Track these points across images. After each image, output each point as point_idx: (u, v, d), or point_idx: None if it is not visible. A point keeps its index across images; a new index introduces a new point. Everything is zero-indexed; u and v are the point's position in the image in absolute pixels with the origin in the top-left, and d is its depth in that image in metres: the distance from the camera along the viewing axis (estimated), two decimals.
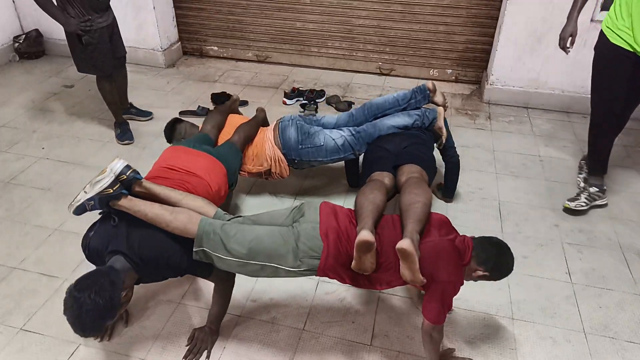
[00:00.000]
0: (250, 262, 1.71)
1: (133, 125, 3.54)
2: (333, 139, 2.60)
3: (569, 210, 2.73)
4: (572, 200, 2.74)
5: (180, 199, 1.83)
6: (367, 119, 2.71)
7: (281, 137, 2.62)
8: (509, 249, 1.79)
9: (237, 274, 1.91)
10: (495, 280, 1.80)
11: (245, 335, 2.06)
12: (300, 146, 2.59)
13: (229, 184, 2.28)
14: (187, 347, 1.98)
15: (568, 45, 2.62)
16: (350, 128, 2.66)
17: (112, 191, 1.68)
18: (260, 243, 1.71)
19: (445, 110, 2.68)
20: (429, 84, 2.69)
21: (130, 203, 1.73)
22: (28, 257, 2.44)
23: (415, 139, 2.51)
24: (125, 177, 1.73)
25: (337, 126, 2.74)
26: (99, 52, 3.09)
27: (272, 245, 1.71)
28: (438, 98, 2.70)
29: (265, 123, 2.88)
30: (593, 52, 2.60)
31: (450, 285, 1.69)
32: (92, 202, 1.68)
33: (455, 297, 1.74)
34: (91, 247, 1.77)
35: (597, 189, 2.75)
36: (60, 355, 1.97)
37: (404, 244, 1.62)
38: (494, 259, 1.74)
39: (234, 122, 2.71)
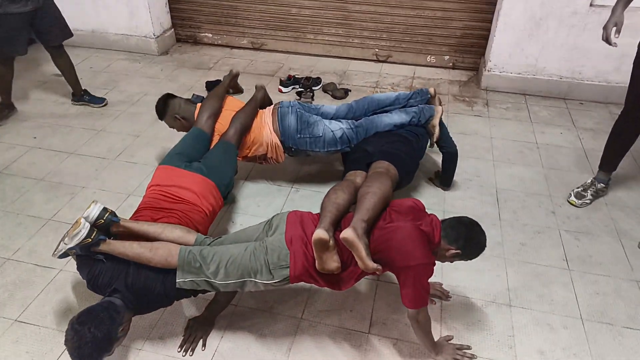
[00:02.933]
0: (231, 281, 1.77)
1: (128, 114, 3.49)
2: (332, 131, 2.58)
3: (573, 206, 2.72)
4: (578, 197, 2.71)
5: (159, 232, 1.86)
6: (366, 113, 2.71)
7: (280, 123, 2.58)
8: (478, 225, 1.80)
9: None
10: (469, 258, 1.81)
11: (242, 324, 2.05)
12: (298, 135, 2.56)
13: (224, 196, 2.28)
14: (184, 337, 1.98)
15: (613, 35, 2.31)
16: (349, 121, 2.64)
17: (90, 240, 1.73)
18: (234, 262, 1.76)
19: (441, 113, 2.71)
20: (432, 90, 2.75)
21: (109, 247, 1.77)
22: (22, 247, 2.41)
23: (397, 137, 2.51)
24: (102, 221, 1.79)
25: (335, 117, 2.72)
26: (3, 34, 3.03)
27: (245, 263, 1.76)
28: (435, 103, 2.76)
29: (266, 101, 2.78)
30: (637, 48, 2.43)
31: (420, 268, 1.68)
32: (74, 250, 1.74)
33: (454, 284, 1.73)
34: (100, 284, 1.80)
35: (604, 185, 2.73)
36: (56, 346, 1.95)
37: (345, 233, 1.67)
38: (464, 235, 1.75)
39: (232, 106, 2.63)
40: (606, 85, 3.67)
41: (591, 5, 3.40)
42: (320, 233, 1.68)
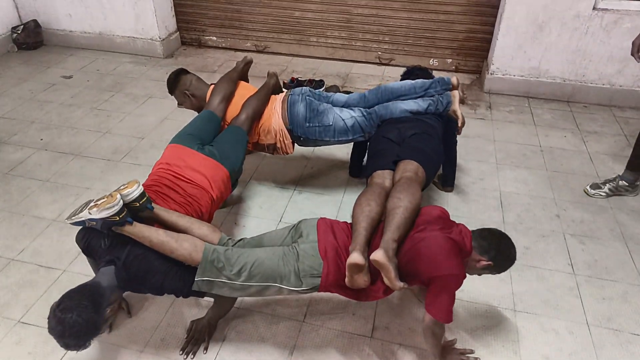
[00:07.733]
0: (254, 284, 1.74)
1: (133, 116, 3.50)
2: (343, 120, 2.49)
3: (586, 195, 2.73)
4: (593, 187, 2.73)
5: (187, 226, 1.83)
6: (379, 102, 2.59)
7: (289, 111, 2.52)
8: (509, 238, 1.79)
9: None
10: (499, 272, 1.79)
11: (244, 327, 2.05)
12: (307, 124, 2.49)
13: (233, 182, 2.26)
14: (185, 339, 1.97)
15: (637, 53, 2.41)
16: (362, 109, 2.55)
17: (118, 219, 1.66)
18: (261, 265, 1.74)
19: (463, 103, 2.59)
20: (454, 79, 2.59)
21: (134, 230, 1.72)
22: (26, 248, 2.42)
23: (422, 127, 2.39)
24: (138, 204, 1.73)
25: (346, 105, 2.62)
26: None
27: (273, 267, 1.74)
28: (456, 95, 2.62)
29: (277, 89, 2.71)
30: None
31: (451, 279, 1.66)
32: (94, 223, 1.66)
33: (458, 289, 1.71)
34: (99, 251, 1.76)
35: (627, 184, 2.72)
36: (57, 347, 1.90)
37: (377, 255, 1.65)
38: (495, 246, 1.73)
39: (243, 91, 2.58)
40: (610, 87, 3.65)
41: (594, 8, 3.40)
42: (356, 258, 1.67)
